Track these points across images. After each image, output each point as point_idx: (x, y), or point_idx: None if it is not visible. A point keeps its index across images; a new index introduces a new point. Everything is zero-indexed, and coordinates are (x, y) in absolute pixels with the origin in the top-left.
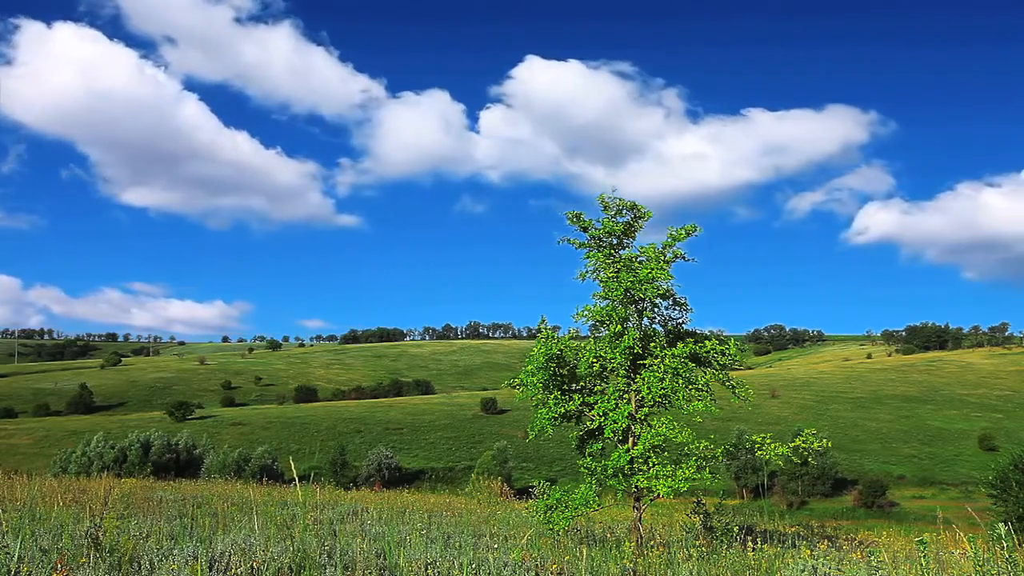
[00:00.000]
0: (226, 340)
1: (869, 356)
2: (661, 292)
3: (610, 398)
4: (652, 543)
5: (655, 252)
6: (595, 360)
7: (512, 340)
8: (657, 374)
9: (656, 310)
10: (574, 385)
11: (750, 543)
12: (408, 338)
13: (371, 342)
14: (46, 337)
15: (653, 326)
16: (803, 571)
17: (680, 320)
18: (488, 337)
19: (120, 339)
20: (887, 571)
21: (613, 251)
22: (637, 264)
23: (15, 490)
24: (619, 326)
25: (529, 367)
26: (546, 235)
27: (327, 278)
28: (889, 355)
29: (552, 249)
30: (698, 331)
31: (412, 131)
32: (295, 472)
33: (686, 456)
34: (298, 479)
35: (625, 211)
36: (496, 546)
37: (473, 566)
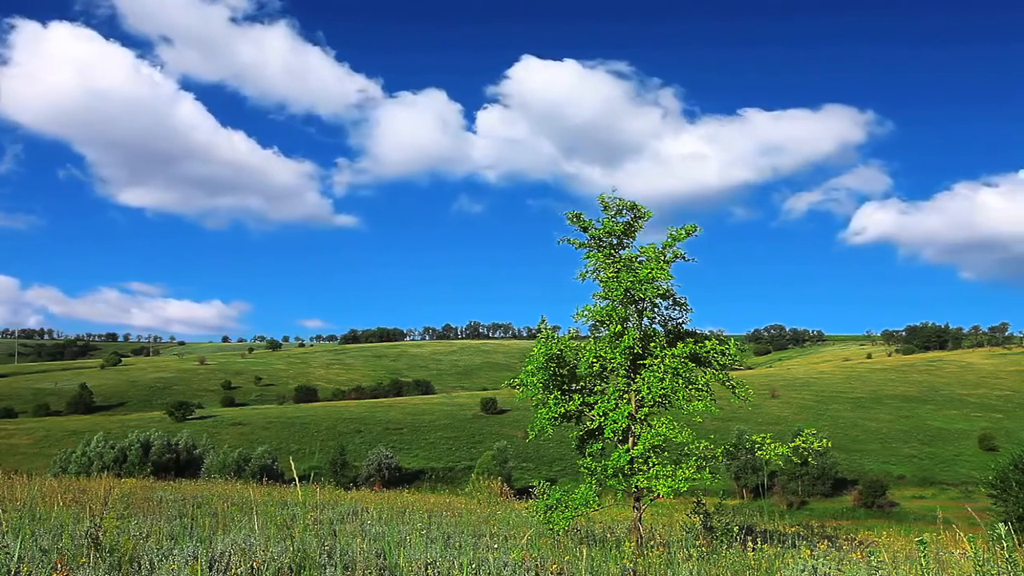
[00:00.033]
0: (226, 340)
1: (869, 356)
2: (661, 292)
3: (610, 398)
4: (652, 543)
5: (655, 252)
6: (595, 360)
7: (512, 340)
8: (657, 374)
9: (656, 310)
10: (574, 385)
11: (750, 543)
12: (408, 338)
13: (371, 342)
14: (46, 337)
15: (653, 326)
16: (803, 571)
17: (680, 320)
18: (488, 337)
19: (120, 339)
20: (887, 571)
21: (613, 251)
22: (637, 264)
23: (15, 490)
24: (619, 326)
25: (529, 367)
26: (545, 235)
27: (325, 278)
28: (889, 355)
29: (552, 249)
30: (698, 331)
31: (409, 131)
32: (295, 472)
33: (686, 456)
34: (298, 479)
35: (625, 211)
36: (496, 546)
37: (473, 566)
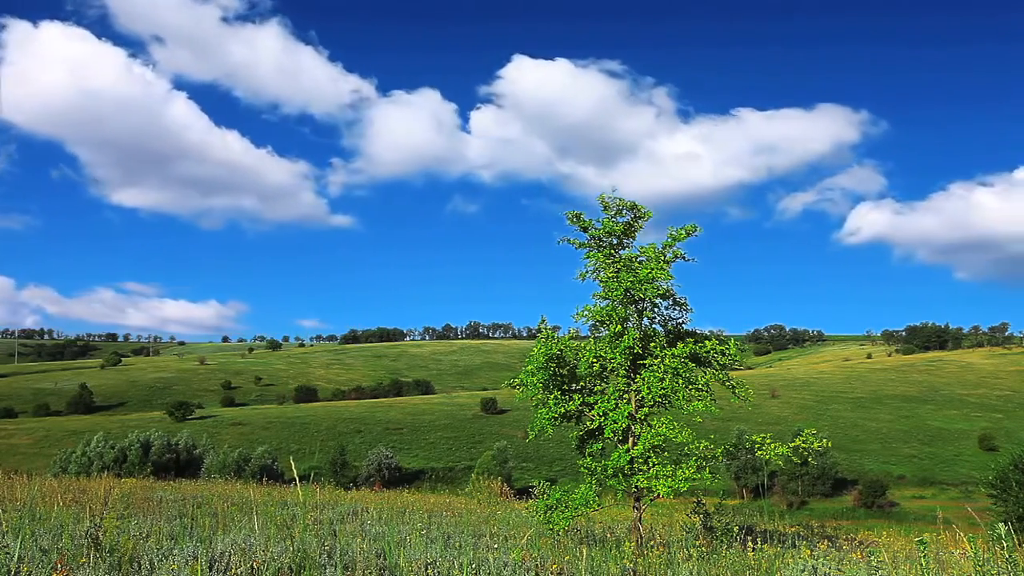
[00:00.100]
0: (226, 340)
1: (869, 356)
2: (661, 292)
3: (610, 398)
4: (652, 543)
5: (655, 252)
6: (595, 360)
7: (512, 340)
8: (657, 374)
9: (656, 310)
10: (574, 385)
11: (750, 543)
12: (408, 338)
13: (371, 342)
14: (46, 337)
15: (653, 326)
16: (803, 571)
17: (680, 320)
18: (488, 337)
19: (120, 339)
20: (887, 571)
21: (613, 251)
22: (637, 264)
23: (15, 490)
24: (619, 326)
25: (529, 367)
26: (541, 235)
27: (322, 278)
28: (889, 355)
29: (551, 249)
30: (698, 331)
31: (403, 131)
32: (295, 472)
33: (686, 456)
34: (298, 479)
35: (625, 211)
36: (496, 546)
37: (473, 566)
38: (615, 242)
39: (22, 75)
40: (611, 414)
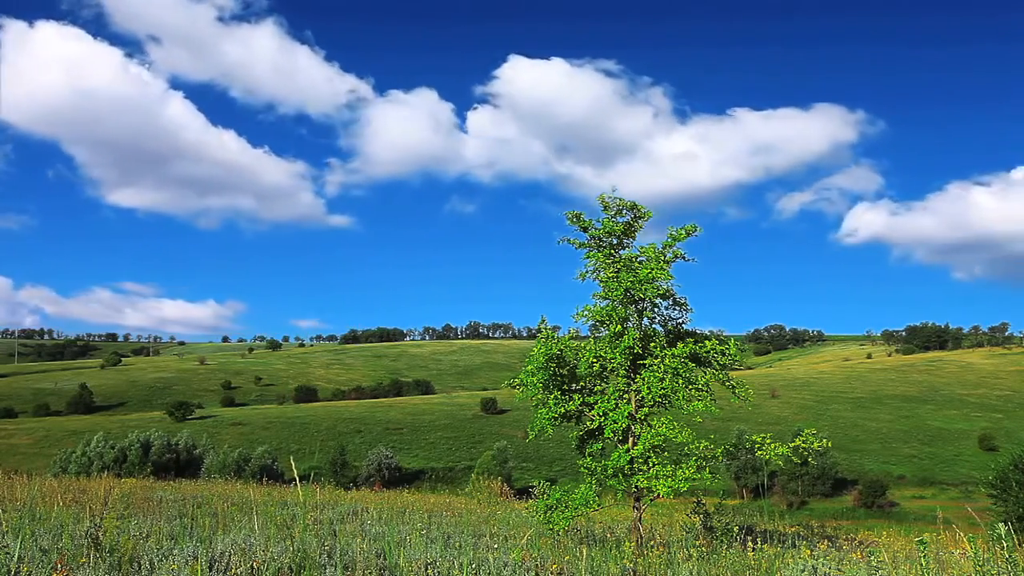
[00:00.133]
0: (226, 340)
1: (869, 356)
2: (661, 292)
3: (610, 398)
4: (652, 543)
5: (655, 252)
6: (595, 360)
7: (512, 340)
8: (657, 374)
9: (656, 310)
10: (574, 385)
11: (750, 543)
12: (408, 338)
13: (371, 342)
14: (46, 337)
15: (653, 326)
16: (803, 571)
17: (680, 320)
18: (488, 337)
19: (120, 339)
20: (887, 571)
21: (613, 251)
22: (637, 264)
23: (15, 490)
24: (619, 326)
25: (529, 367)
26: (540, 234)
27: (321, 278)
28: (889, 355)
29: (551, 249)
30: (698, 331)
31: (400, 131)
32: (295, 472)
33: (686, 456)
34: (298, 479)
35: (625, 211)
36: (496, 546)
37: (473, 566)
38: (615, 242)
39: (18, 75)
40: (611, 414)
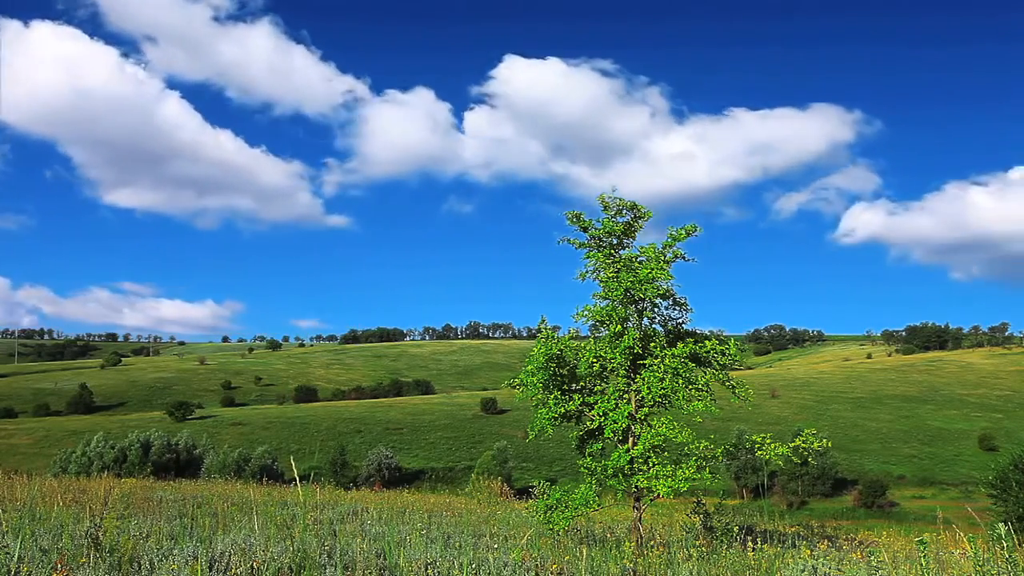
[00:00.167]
0: (226, 340)
1: (869, 356)
2: (661, 292)
3: (610, 398)
4: (652, 543)
5: (655, 252)
6: (595, 360)
7: (512, 340)
8: (657, 374)
9: (656, 310)
10: (574, 385)
11: (750, 543)
12: (408, 338)
13: (371, 342)
14: (46, 337)
15: (653, 326)
16: (803, 571)
17: (680, 320)
18: (488, 337)
19: (120, 339)
20: (887, 571)
21: (613, 251)
22: (637, 264)
23: (15, 490)
24: (619, 326)
25: (529, 367)
26: (539, 235)
27: (319, 278)
28: (889, 355)
29: (550, 249)
30: (698, 331)
31: (398, 131)
32: (295, 472)
33: (686, 456)
34: (298, 479)
35: (625, 211)
36: (496, 546)
37: (473, 566)
38: (615, 242)
39: (14, 75)
40: (611, 414)
